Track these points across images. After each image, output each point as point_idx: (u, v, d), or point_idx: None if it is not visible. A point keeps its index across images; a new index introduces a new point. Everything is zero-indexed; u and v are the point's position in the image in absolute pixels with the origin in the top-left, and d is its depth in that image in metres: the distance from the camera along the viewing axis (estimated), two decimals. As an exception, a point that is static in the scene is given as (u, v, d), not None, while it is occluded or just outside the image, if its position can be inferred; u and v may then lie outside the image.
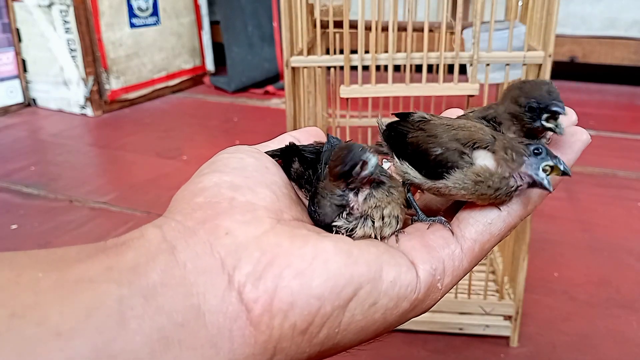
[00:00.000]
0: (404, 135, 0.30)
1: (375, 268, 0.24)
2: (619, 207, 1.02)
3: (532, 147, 0.27)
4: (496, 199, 0.27)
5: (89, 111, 1.63)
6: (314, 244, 0.24)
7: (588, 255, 0.87)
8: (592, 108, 1.62)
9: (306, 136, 0.33)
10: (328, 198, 0.27)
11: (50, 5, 1.56)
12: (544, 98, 0.29)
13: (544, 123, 0.29)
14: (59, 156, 1.33)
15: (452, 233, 0.27)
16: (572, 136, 0.29)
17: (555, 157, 0.27)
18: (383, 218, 0.27)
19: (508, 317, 0.67)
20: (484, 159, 0.27)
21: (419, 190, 0.32)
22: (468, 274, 0.41)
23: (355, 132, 0.82)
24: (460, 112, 0.35)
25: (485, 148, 0.27)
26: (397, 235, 0.27)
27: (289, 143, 0.30)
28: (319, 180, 0.28)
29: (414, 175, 0.29)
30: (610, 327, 0.70)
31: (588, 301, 0.76)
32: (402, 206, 0.28)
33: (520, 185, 0.27)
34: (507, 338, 0.68)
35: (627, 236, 0.92)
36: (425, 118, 0.30)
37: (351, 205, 0.27)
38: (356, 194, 0.27)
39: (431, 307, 0.26)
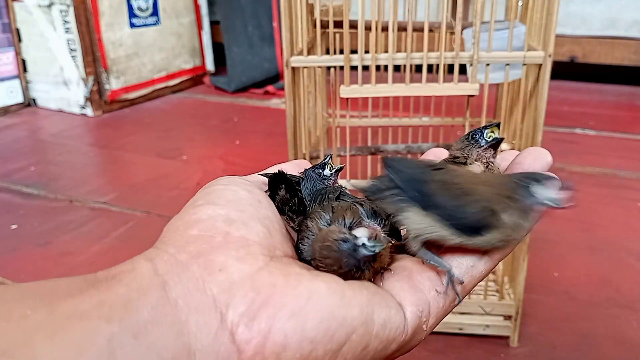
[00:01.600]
0: (423, 185, 0.29)
1: (367, 311, 0.24)
2: (619, 207, 1.02)
3: (525, 189, 0.28)
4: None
5: (89, 111, 1.63)
6: (307, 284, 0.23)
7: (588, 255, 0.87)
8: (592, 108, 1.62)
9: (295, 168, 0.34)
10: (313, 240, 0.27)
11: (50, 5, 1.56)
12: (476, 130, 0.34)
13: (486, 138, 0.33)
14: (59, 156, 1.33)
15: (435, 283, 0.27)
16: (538, 157, 0.31)
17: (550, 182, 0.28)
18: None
19: (508, 317, 0.67)
20: (510, 217, 0.28)
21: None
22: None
23: (355, 132, 0.82)
24: (445, 152, 0.36)
25: (507, 211, 0.28)
26: (382, 274, 0.27)
27: (278, 171, 0.31)
28: (305, 218, 0.29)
29: (441, 229, 0.28)
30: (610, 327, 0.70)
31: (588, 301, 0.76)
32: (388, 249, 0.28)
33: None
34: (507, 338, 0.68)
35: (627, 236, 0.92)
36: (441, 167, 0.30)
37: None
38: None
39: (414, 347, 0.27)
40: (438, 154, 0.36)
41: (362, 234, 0.26)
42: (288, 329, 0.22)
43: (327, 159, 0.33)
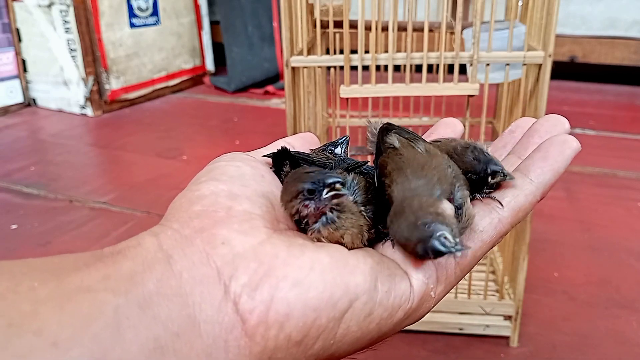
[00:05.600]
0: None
1: (370, 278, 0.24)
2: (619, 207, 1.02)
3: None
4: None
5: (89, 111, 1.63)
6: (310, 255, 0.24)
7: (588, 255, 0.87)
8: (592, 108, 1.62)
9: (300, 142, 0.33)
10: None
11: (50, 5, 1.56)
12: (476, 166, 0.29)
13: (491, 181, 0.29)
14: (59, 156, 1.33)
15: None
16: (563, 144, 0.29)
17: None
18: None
19: (508, 317, 0.67)
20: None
21: None
22: (468, 273, 0.41)
23: (356, 132, 0.82)
24: (459, 125, 0.35)
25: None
26: (392, 241, 0.27)
27: (281, 147, 0.31)
28: None
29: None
30: (610, 327, 0.70)
31: (588, 301, 0.76)
32: (365, 224, 0.27)
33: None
34: (507, 338, 0.68)
35: (627, 236, 0.92)
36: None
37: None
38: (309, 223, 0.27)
39: (425, 315, 0.26)
40: (450, 125, 0.35)
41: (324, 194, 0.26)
42: (291, 298, 0.22)
43: (344, 139, 0.33)
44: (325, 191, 0.26)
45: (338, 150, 0.33)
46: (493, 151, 0.34)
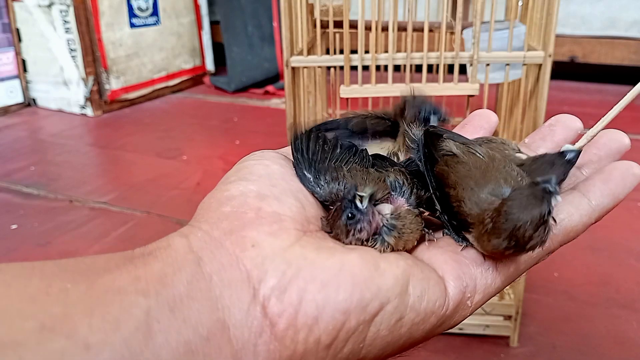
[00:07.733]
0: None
1: (402, 282, 0.23)
2: (619, 207, 1.01)
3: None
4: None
5: (89, 111, 1.63)
6: (340, 257, 0.23)
7: (588, 255, 0.87)
8: (592, 108, 1.62)
9: None
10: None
11: (50, 5, 1.56)
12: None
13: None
14: (59, 156, 1.33)
15: (484, 258, 0.26)
16: (627, 170, 0.29)
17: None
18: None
19: (508, 317, 0.67)
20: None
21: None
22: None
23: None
24: (493, 117, 0.34)
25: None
26: (429, 238, 0.27)
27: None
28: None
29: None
30: (610, 327, 0.70)
31: (588, 301, 0.76)
32: (419, 230, 0.27)
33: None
34: (507, 338, 0.68)
35: (627, 236, 0.92)
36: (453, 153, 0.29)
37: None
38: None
39: (459, 323, 0.26)
40: (484, 116, 0.34)
41: (387, 210, 0.26)
42: (319, 300, 0.22)
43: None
44: (359, 204, 0.25)
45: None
46: (530, 142, 0.33)
